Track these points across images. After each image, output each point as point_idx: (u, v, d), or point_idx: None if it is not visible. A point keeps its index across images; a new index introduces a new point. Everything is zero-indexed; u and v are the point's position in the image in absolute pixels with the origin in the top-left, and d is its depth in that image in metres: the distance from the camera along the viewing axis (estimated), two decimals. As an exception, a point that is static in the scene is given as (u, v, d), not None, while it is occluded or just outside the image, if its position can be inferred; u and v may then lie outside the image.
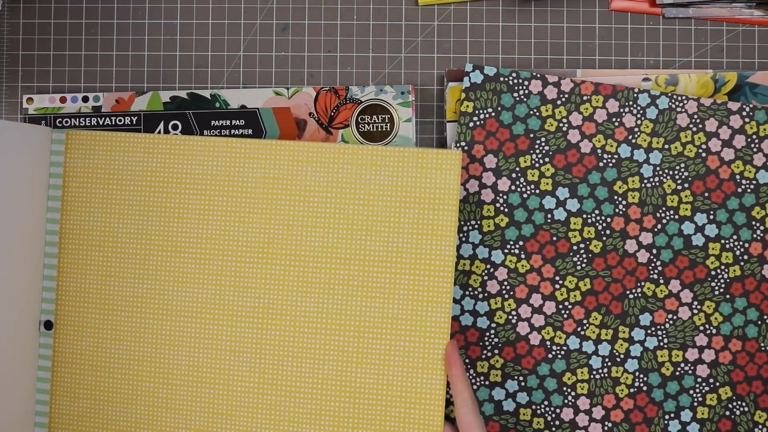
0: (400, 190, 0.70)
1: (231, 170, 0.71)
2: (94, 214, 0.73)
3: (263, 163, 0.71)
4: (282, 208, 0.71)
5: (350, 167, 0.70)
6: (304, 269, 0.71)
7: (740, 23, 0.76)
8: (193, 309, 0.72)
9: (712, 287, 0.75)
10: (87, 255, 0.73)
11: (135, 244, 0.73)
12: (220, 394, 0.72)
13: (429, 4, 0.76)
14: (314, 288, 0.71)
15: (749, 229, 0.75)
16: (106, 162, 0.72)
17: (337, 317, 0.71)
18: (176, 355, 0.73)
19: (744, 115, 0.74)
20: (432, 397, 0.70)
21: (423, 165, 0.70)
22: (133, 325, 0.73)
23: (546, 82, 0.74)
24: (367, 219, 0.70)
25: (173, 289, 0.72)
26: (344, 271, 0.71)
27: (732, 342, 0.75)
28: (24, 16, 0.76)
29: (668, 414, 0.76)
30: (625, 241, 0.75)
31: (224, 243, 0.72)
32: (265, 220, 0.71)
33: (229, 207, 0.72)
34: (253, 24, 0.76)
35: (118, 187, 0.72)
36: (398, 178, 0.70)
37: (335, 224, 0.71)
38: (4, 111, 0.76)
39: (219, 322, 0.72)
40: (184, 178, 0.72)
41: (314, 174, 0.71)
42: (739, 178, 0.74)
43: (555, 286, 0.75)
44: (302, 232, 0.71)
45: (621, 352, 0.75)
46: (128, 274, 0.73)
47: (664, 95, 0.74)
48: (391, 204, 0.70)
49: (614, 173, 0.74)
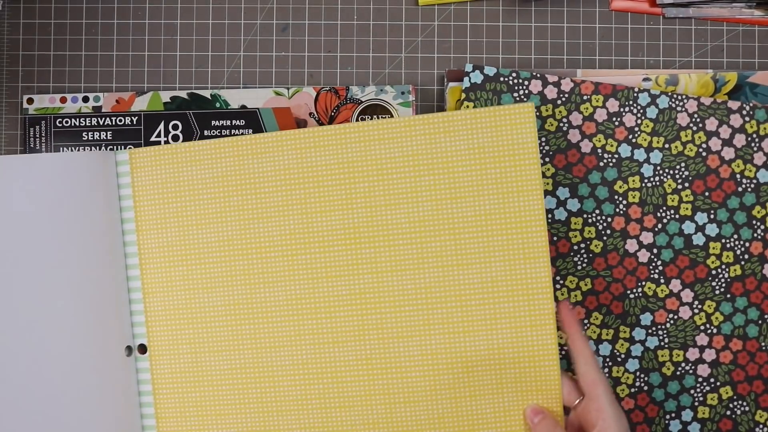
0: (477, 152, 0.68)
1: (303, 161, 0.69)
2: (170, 229, 0.71)
3: (334, 149, 0.69)
4: (361, 190, 0.69)
5: (424, 138, 0.68)
6: (394, 248, 0.69)
7: (740, 23, 0.77)
8: (288, 307, 0.70)
9: (712, 287, 0.75)
10: (170, 271, 0.71)
11: (217, 252, 0.71)
12: (330, 387, 0.70)
13: (429, 4, 0.76)
14: (407, 265, 0.69)
15: (750, 228, 0.74)
16: (173, 174, 0.71)
17: (436, 290, 0.69)
18: (278, 357, 0.71)
19: (744, 114, 0.74)
20: (545, 354, 0.68)
21: (497, 123, 0.68)
22: (229, 334, 0.71)
23: (546, 82, 0.74)
24: (450, 187, 0.68)
25: (263, 290, 0.70)
26: (435, 243, 0.69)
27: (733, 341, 0.75)
28: (24, 16, 0.76)
29: (669, 414, 0.75)
30: (625, 240, 0.75)
31: (308, 235, 0.70)
32: (346, 206, 0.69)
33: (306, 198, 0.70)
34: (253, 24, 0.76)
35: (188, 197, 0.71)
36: (473, 141, 0.68)
37: (419, 198, 0.69)
38: (4, 111, 0.76)
39: (316, 315, 0.70)
40: (255, 176, 0.70)
41: (388, 151, 0.69)
42: (740, 177, 0.74)
43: (556, 286, 0.75)
44: (386, 210, 0.69)
45: (622, 352, 0.75)
46: (215, 283, 0.71)
47: (664, 94, 0.74)
48: (470, 168, 0.68)
49: (615, 173, 0.74)
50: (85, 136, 0.75)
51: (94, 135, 0.75)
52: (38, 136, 0.75)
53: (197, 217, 0.71)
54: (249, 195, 0.70)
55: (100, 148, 0.75)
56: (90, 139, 0.75)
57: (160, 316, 0.72)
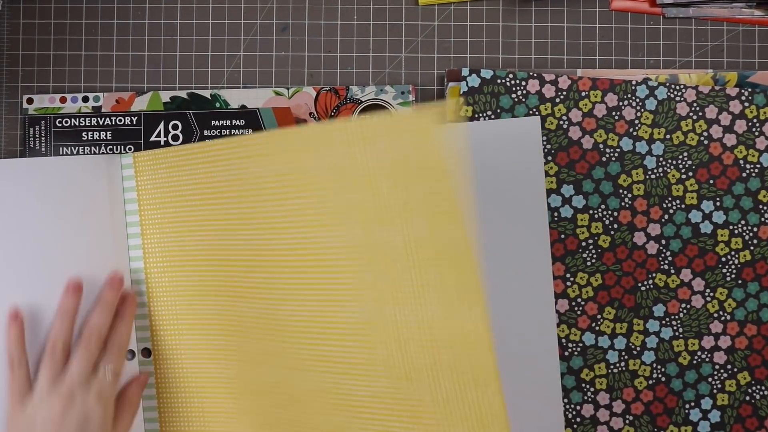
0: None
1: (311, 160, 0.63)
2: (174, 233, 0.70)
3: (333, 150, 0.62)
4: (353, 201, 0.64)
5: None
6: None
7: (740, 23, 0.77)
8: (293, 322, 0.67)
9: (723, 274, 0.74)
10: (174, 275, 0.71)
11: (219, 256, 0.69)
12: (337, 389, 0.67)
13: (429, 4, 0.76)
14: None
15: (756, 213, 0.74)
16: (175, 177, 0.69)
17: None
18: (282, 362, 0.69)
19: (743, 100, 0.74)
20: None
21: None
22: (232, 338, 0.70)
23: (543, 81, 0.74)
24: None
25: (267, 297, 0.67)
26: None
27: (747, 327, 0.74)
28: (24, 16, 0.76)
29: (688, 403, 0.75)
30: (633, 233, 0.74)
31: (316, 245, 0.65)
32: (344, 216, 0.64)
33: (319, 205, 0.64)
34: (253, 24, 0.76)
35: (191, 199, 0.69)
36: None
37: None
38: (4, 111, 0.76)
39: (322, 319, 0.66)
40: (258, 179, 0.66)
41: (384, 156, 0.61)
42: (743, 162, 0.74)
43: (566, 284, 0.74)
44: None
45: (637, 345, 0.75)
46: (218, 288, 0.69)
47: (662, 86, 0.74)
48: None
49: (618, 167, 0.74)
50: (85, 136, 0.75)
51: (93, 135, 0.75)
52: (38, 136, 0.74)
53: (199, 221, 0.70)
54: (247, 198, 0.68)
55: (99, 148, 0.75)
56: (90, 139, 0.75)
57: (164, 321, 0.71)
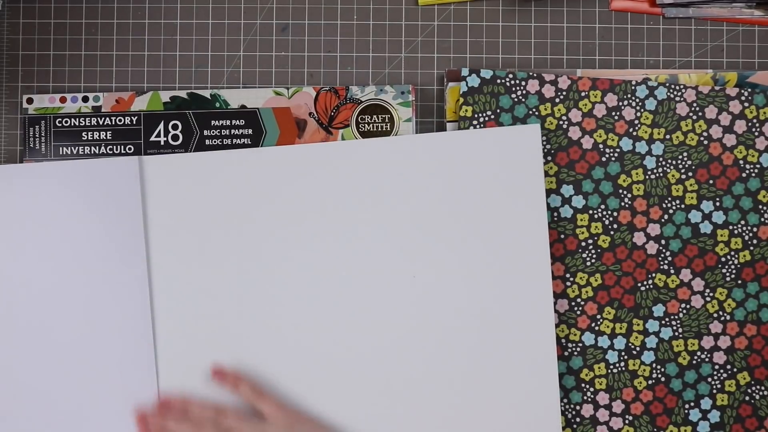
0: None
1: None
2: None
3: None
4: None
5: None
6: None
7: (740, 23, 0.77)
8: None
9: (723, 274, 0.74)
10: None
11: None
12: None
13: (429, 4, 0.76)
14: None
15: (756, 213, 0.74)
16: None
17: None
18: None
19: (743, 100, 0.74)
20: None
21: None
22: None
23: (543, 81, 0.74)
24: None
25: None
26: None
27: (747, 327, 0.74)
28: (24, 16, 0.76)
29: (688, 403, 0.75)
30: (633, 233, 0.74)
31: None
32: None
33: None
34: (253, 24, 0.76)
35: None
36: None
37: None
38: (4, 111, 0.76)
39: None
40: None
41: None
42: (743, 162, 0.74)
43: (566, 284, 0.74)
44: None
45: (637, 345, 0.74)
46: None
47: (661, 86, 0.74)
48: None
49: (617, 167, 0.74)
50: (85, 135, 0.75)
51: (93, 135, 0.75)
52: (38, 135, 0.74)
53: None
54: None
55: (99, 148, 0.75)
56: (90, 139, 0.75)
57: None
